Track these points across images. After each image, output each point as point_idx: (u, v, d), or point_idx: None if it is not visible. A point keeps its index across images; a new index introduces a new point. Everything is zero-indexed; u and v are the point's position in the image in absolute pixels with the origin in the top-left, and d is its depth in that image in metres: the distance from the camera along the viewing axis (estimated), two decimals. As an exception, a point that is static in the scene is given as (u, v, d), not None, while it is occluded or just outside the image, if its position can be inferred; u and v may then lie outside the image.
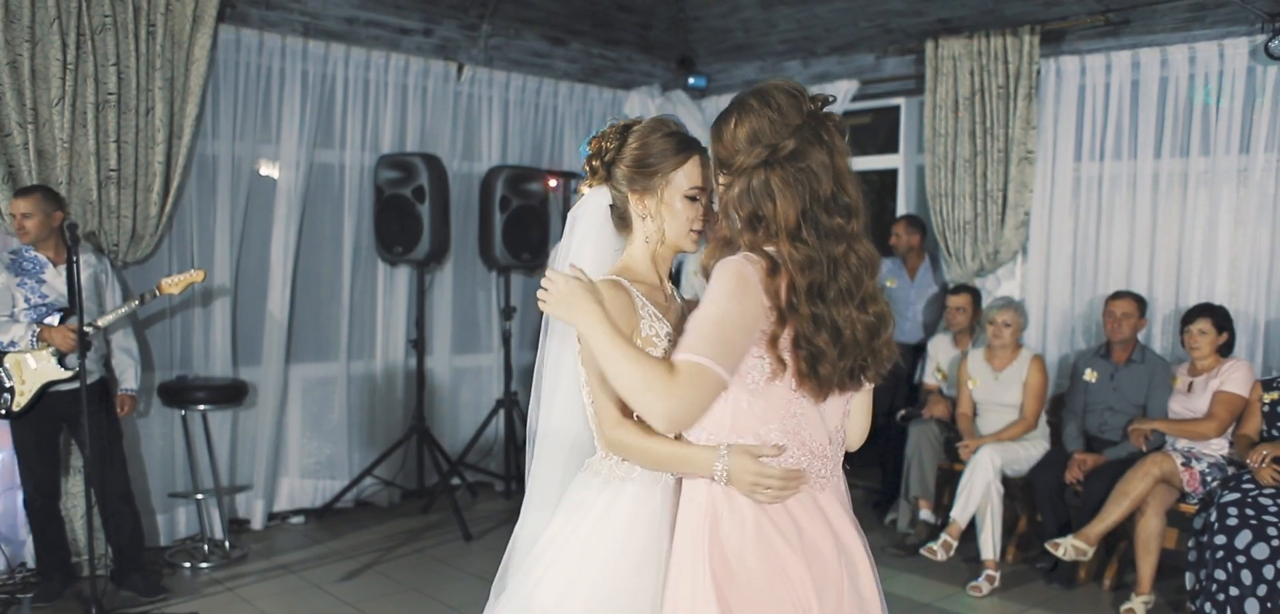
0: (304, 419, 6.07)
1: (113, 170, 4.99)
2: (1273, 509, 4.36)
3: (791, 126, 1.97)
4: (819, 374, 1.94)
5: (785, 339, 1.94)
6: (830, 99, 2.05)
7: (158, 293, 4.69)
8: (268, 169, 5.78)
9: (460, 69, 6.48)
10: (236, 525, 5.73)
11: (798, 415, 2.02)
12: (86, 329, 4.33)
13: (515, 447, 6.63)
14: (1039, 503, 5.30)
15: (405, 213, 5.94)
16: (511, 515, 6.21)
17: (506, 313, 6.48)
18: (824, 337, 1.93)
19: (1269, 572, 4.25)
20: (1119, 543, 5.17)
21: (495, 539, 5.80)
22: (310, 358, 6.07)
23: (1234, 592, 4.31)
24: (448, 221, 6.23)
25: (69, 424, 4.66)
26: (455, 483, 6.41)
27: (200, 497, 5.39)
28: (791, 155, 1.96)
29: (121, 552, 4.74)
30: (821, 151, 1.97)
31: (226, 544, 5.41)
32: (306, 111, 5.83)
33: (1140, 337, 5.34)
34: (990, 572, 5.08)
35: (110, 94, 4.93)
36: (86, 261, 4.61)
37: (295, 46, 5.74)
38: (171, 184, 5.20)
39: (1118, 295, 5.31)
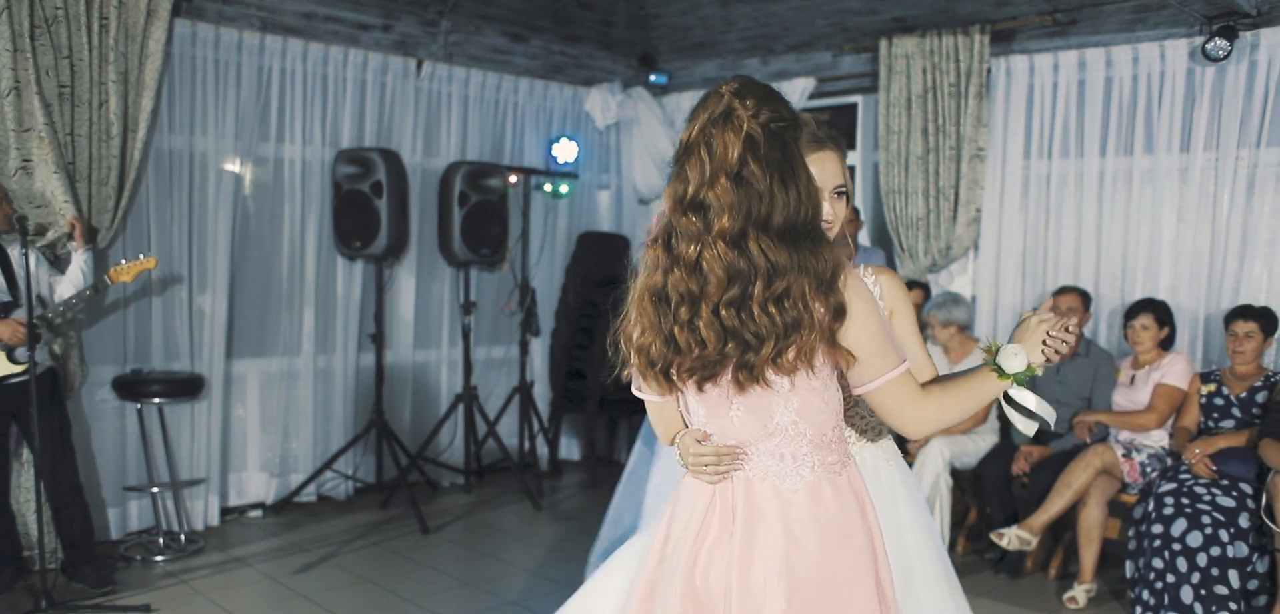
0: (263, 413, 6.09)
1: (68, 163, 4.98)
2: (1206, 498, 4.48)
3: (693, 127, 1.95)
4: (666, 377, 1.98)
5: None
6: (733, 92, 1.94)
7: (109, 281, 4.69)
8: (226, 164, 5.79)
9: (420, 65, 6.50)
10: (192, 519, 5.73)
11: (694, 409, 2.05)
12: (35, 321, 4.33)
13: (475, 441, 6.66)
14: (987, 495, 5.41)
15: (363, 208, 5.97)
16: (470, 509, 6.32)
17: (466, 308, 6.51)
18: (650, 335, 1.95)
19: (1202, 559, 4.36)
20: (1064, 533, 5.28)
21: (453, 532, 5.85)
22: (270, 352, 6.08)
23: (1171, 579, 4.42)
24: (406, 217, 6.26)
25: (18, 418, 4.65)
26: (414, 477, 6.43)
27: (155, 490, 5.39)
28: (675, 157, 1.96)
29: (72, 544, 4.74)
30: (703, 151, 1.90)
31: (182, 538, 5.42)
32: (265, 107, 5.86)
33: (1085, 331, 5.45)
34: (938, 562, 5.16)
35: (64, 86, 4.92)
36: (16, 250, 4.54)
37: (252, 41, 5.74)
38: (128, 178, 5.19)
39: (1062, 290, 5.42)
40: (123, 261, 4.81)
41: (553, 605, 4.72)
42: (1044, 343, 2.02)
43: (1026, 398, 2.08)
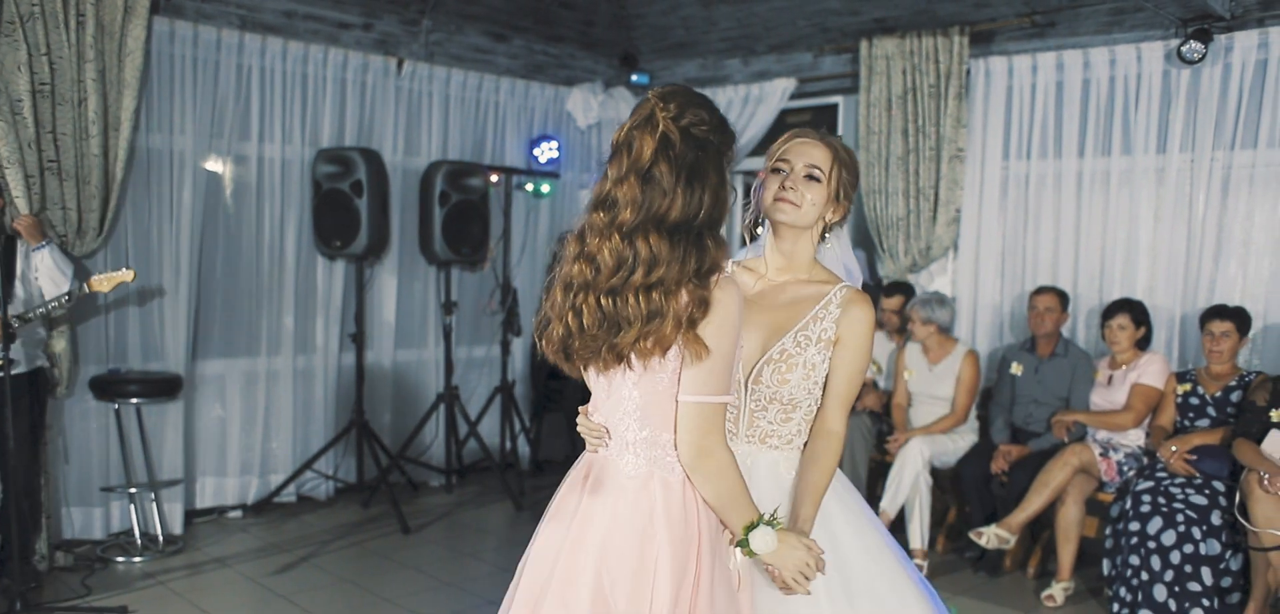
0: (244, 413, 6.06)
1: (52, 161, 4.95)
2: (1181, 498, 4.52)
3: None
4: (567, 357, 2.12)
5: None
6: (659, 95, 2.06)
7: (87, 289, 4.67)
8: (208, 163, 5.76)
9: (401, 64, 6.49)
10: (173, 519, 5.69)
11: (592, 387, 2.20)
12: (13, 321, 4.29)
13: (456, 440, 6.65)
14: (966, 493, 5.44)
15: (343, 207, 5.95)
16: (451, 509, 6.31)
17: (447, 307, 6.50)
18: (555, 320, 2.10)
19: (1175, 556, 4.40)
20: (1043, 532, 5.32)
21: (434, 532, 5.84)
22: (250, 352, 6.05)
23: (1145, 577, 4.46)
24: (387, 216, 6.24)
25: None
26: (395, 477, 6.42)
27: (133, 491, 5.36)
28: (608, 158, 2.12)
29: (4, 545, 4.61)
30: (624, 152, 2.03)
31: (159, 538, 5.39)
32: (247, 105, 5.84)
33: (1064, 331, 5.48)
34: (919, 560, 5.20)
35: (43, 84, 4.89)
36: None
37: (232, 39, 5.72)
38: (113, 178, 5.16)
39: (1041, 290, 5.46)
40: (108, 271, 4.78)
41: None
42: (789, 580, 2.12)
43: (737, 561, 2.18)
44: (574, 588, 2.03)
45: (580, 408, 2.25)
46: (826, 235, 2.41)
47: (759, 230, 2.45)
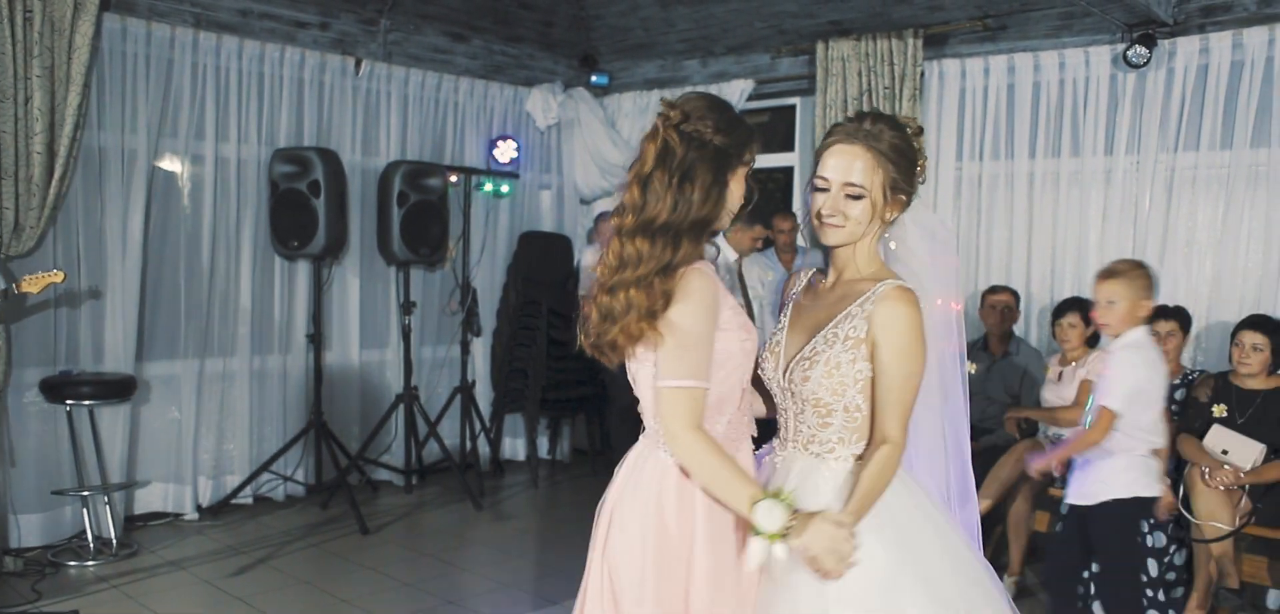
0: (199, 415, 5.99)
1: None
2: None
3: None
4: (598, 348, 2.24)
5: None
6: (667, 104, 2.18)
7: (17, 289, 4.60)
8: (159, 162, 5.70)
9: (358, 64, 6.46)
10: (126, 523, 5.63)
11: None
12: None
13: (416, 441, 6.64)
14: (920, 489, 5.50)
15: (300, 207, 5.92)
16: (411, 509, 6.29)
17: (406, 308, 6.48)
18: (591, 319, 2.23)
19: (1123, 549, 4.51)
20: (995, 527, 5.40)
21: (393, 533, 5.82)
22: (205, 352, 5.99)
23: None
24: (345, 216, 6.21)
25: None
26: (355, 478, 6.39)
27: (85, 494, 5.29)
28: None
29: None
30: (637, 162, 2.18)
31: (113, 542, 5.33)
32: (202, 104, 5.79)
33: (1016, 329, 5.58)
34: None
35: (-13, 81, 4.82)
36: None
37: (186, 37, 5.67)
38: (54, 175, 5.09)
39: (994, 289, 5.55)
40: (39, 272, 4.71)
41: (493, 606, 4.75)
42: (822, 567, 2.05)
43: (757, 549, 2.06)
44: (593, 548, 2.29)
45: None
46: (892, 226, 2.28)
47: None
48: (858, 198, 2.19)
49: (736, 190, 2.22)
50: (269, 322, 6.24)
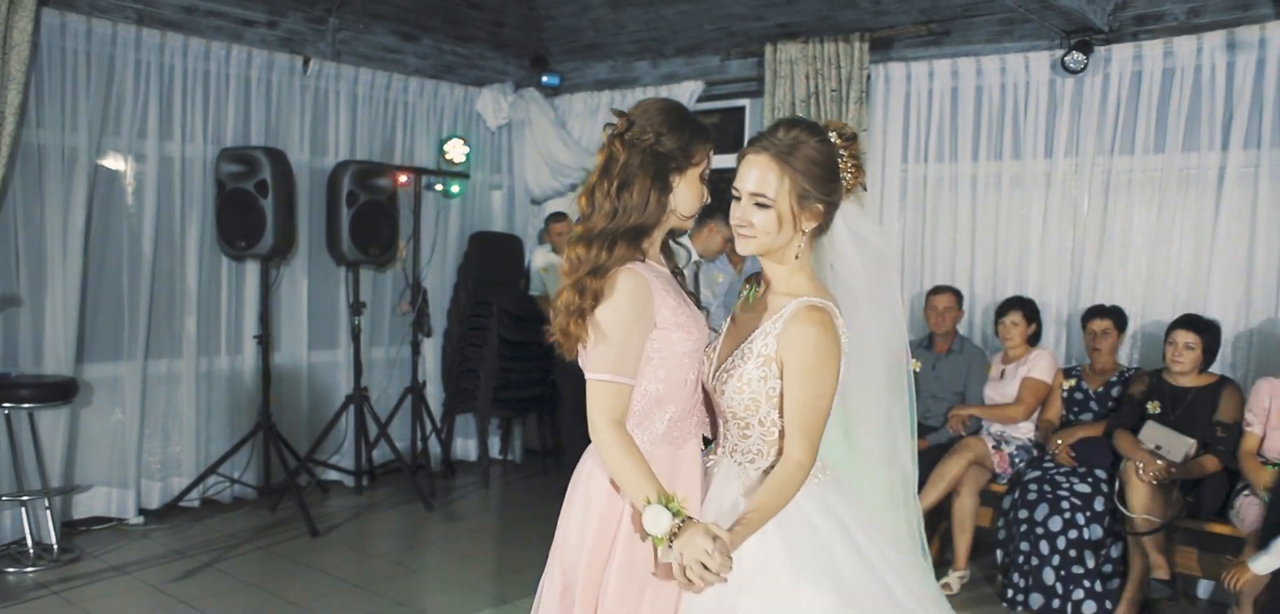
0: (146, 417, 5.91)
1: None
2: (1066, 486, 4.75)
3: None
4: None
5: None
6: (618, 115, 2.25)
7: None
8: (102, 160, 5.61)
9: (307, 62, 6.41)
10: (68, 528, 5.54)
11: None
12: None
13: (366, 442, 6.60)
14: (867, 486, 5.59)
15: (248, 207, 5.86)
16: (361, 510, 6.26)
17: (355, 308, 6.44)
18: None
19: (1061, 542, 4.64)
20: (940, 523, 5.51)
21: (343, 535, 5.79)
22: (152, 354, 5.91)
23: (1035, 561, 4.69)
24: (293, 216, 6.16)
25: None
26: (304, 479, 6.34)
27: (25, 499, 5.19)
28: None
29: None
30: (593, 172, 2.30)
31: (55, 547, 5.23)
32: (145, 102, 5.71)
33: (960, 328, 5.69)
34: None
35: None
36: None
37: (128, 34, 5.59)
38: (-7, 175, 5.00)
39: (938, 289, 5.65)
40: None
41: (445, 607, 4.75)
42: (687, 573, 2.04)
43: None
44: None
45: None
46: (829, 242, 2.25)
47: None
48: (763, 206, 2.15)
49: (686, 193, 2.25)
50: (216, 323, 6.17)
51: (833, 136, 2.20)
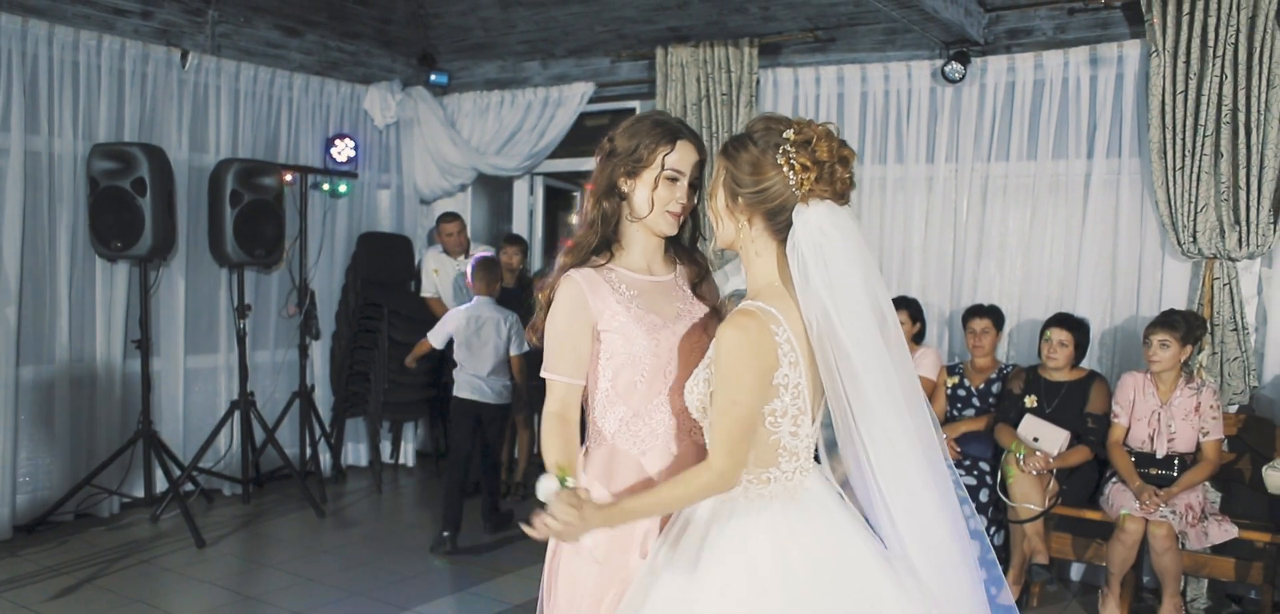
0: (15, 426, 5.59)
1: None
2: (951, 478, 4.97)
3: None
4: None
5: None
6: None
7: None
8: (-39, 157, 5.30)
9: (185, 56, 6.17)
10: (-73, 548, 5.21)
11: None
12: None
13: (253, 448, 6.40)
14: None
15: (124, 206, 5.61)
16: (250, 519, 6.08)
17: (241, 311, 6.24)
18: None
19: (948, 531, 4.85)
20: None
21: (231, 545, 5.61)
22: (20, 360, 5.59)
23: None
24: (173, 216, 5.93)
25: None
26: (188, 489, 6.10)
27: (-118, 519, 4.87)
28: None
29: None
30: None
31: (-85, 570, 4.92)
32: (8, 93, 5.42)
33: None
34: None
35: None
36: None
37: (-12, 21, 5.28)
38: None
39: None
40: None
41: (341, 615, 4.66)
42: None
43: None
44: None
45: None
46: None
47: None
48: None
49: (643, 194, 2.26)
50: (90, 326, 5.88)
51: (789, 134, 2.06)
